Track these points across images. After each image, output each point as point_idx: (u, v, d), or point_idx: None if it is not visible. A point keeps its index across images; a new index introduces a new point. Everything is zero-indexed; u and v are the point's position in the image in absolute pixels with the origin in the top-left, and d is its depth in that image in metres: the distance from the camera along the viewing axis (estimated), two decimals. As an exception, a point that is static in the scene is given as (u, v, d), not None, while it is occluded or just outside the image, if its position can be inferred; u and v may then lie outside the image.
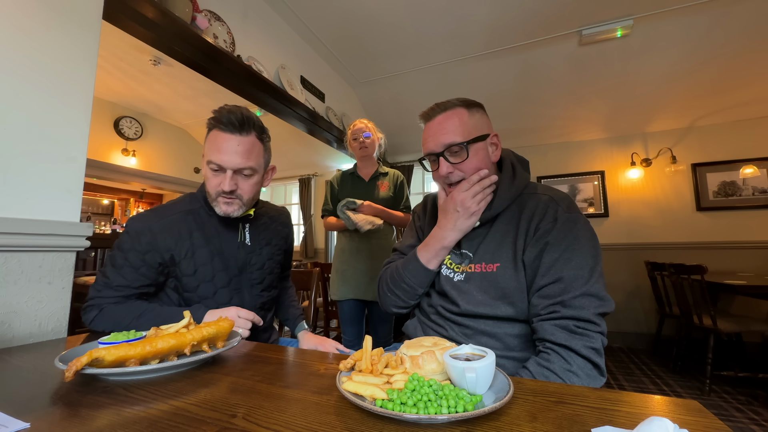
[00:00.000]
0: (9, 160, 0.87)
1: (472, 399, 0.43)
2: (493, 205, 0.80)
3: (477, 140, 0.79)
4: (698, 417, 0.41)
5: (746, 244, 3.04)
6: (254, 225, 1.00)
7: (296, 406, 0.46)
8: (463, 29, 2.52)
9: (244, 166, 0.86)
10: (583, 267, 0.68)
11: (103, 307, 0.85)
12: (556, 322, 0.65)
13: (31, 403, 0.48)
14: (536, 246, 0.72)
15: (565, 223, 0.72)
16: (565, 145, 3.73)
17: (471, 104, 0.82)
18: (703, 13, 2.28)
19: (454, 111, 0.81)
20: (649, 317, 3.27)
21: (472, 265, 0.80)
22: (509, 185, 0.80)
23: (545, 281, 0.69)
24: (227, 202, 0.87)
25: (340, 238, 1.84)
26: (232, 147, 0.84)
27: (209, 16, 1.83)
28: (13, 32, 0.89)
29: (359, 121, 1.83)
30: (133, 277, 0.86)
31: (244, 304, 0.93)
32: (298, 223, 5.31)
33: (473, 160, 0.79)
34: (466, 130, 0.79)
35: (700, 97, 2.96)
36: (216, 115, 0.85)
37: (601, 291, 0.67)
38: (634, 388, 2.29)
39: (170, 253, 0.87)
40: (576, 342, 0.63)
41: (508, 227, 0.79)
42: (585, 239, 0.70)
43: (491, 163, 0.82)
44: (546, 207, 0.75)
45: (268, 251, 1.02)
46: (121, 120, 4.08)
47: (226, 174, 0.85)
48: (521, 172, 0.84)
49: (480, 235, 0.82)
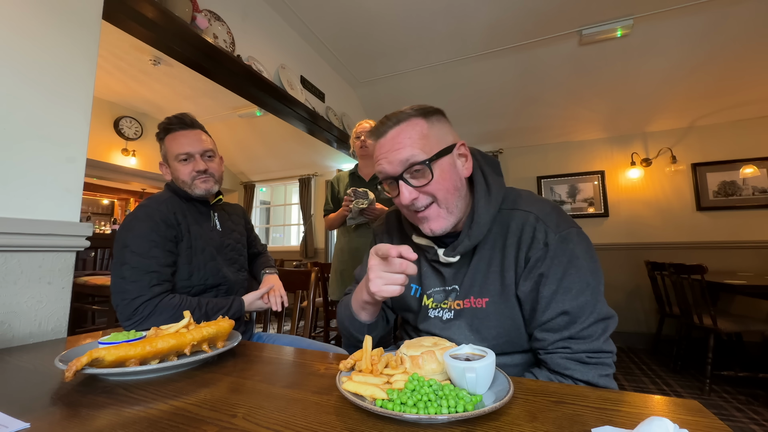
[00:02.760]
0: (9, 160, 0.87)
1: (472, 399, 0.43)
2: (472, 234, 0.68)
3: (441, 154, 0.66)
4: (698, 417, 0.41)
5: (746, 243, 3.04)
6: (220, 214, 1.13)
7: (296, 406, 0.46)
8: (463, 29, 2.52)
9: (206, 149, 1.04)
10: (585, 292, 0.62)
11: (158, 303, 0.86)
12: (566, 356, 0.62)
13: (31, 403, 0.48)
14: (530, 279, 0.65)
15: (558, 246, 0.64)
16: (565, 145, 3.73)
17: (429, 112, 0.69)
18: (703, 13, 2.28)
19: (409, 123, 0.67)
20: (649, 317, 3.27)
21: (460, 301, 0.70)
22: (486, 204, 0.68)
23: (548, 316, 0.63)
24: (204, 180, 1.02)
25: (340, 238, 1.84)
26: (192, 138, 1.03)
27: (209, 15, 1.83)
28: (13, 32, 0.89)
29: (366, 121, 1.83)
30: (163, 255, 0.90)
31: (230, 284, 1.05)
32: (298, 223, 5.31)
33: (440, 180, 0.66)
34: (427, 144, 0.65)
35: (700, 97, 2.96)
36: (166, 125, 1.03)
37: (607, 311, 0.63)
38: (634, 388, 2.29)
39: (179, 228, 0.96)
40: (592, 374, 0.60)
41: (492, 254, 0.69)
42: (581, 258, 0.64)
43: (461, 179, 0.69)
44: (533, 231, 0.65)
45: (236, 236, 1.15)
46: (121, 120, 4.08)
47: (195, 159, 1.02)
48: (495, 181, 0.71)
49: (463, 264, 0.72)
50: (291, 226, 5.59)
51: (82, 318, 2.78)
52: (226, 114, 4.00)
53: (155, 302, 0.85)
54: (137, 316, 0.84)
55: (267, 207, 5.86)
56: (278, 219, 5.75)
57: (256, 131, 4.40)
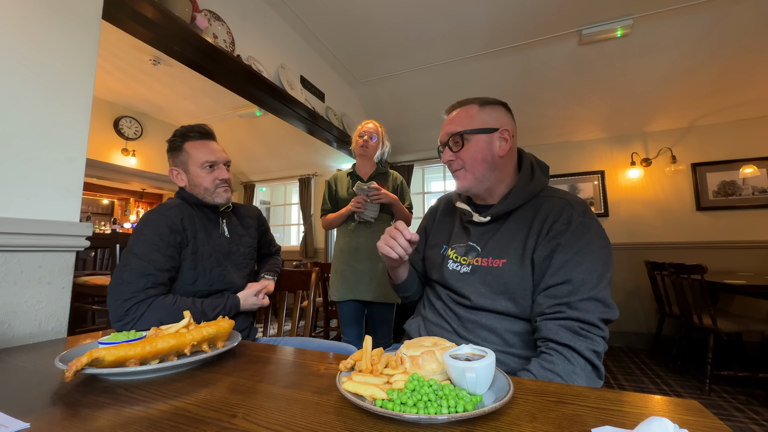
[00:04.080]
0: (9, 160, 0.87)
1: (472, 399, 0.43)
2: (506, 201, 0.81)
3: (478, 132, 0.81)
4: (698, 417, 0.41)
5: (746, 243, 3.04)
6: (229, 221, 1.14)
7: (296, 406, 0.46)
8: (463, 29, 2.52)
9: (228, 159, 1.10)
10: (593, 272, 0.68)
11: (152, 302, 0.86)
12: (560, 323, 0.66)
13: (31, 403, 0.48)
14: (548, 246, 0.73)
15: (579, 227, 0.72)
16: (565, 144, 3.73)
17: (487, 102, 0.84)
18: (703, 13, 2.28)
19: (467, 107, 0.85)
20: (649, 317, 3.27)
21: (479, 259, 0.81)
22: (525, 185, 0.81)
23: (554, 281, 0.69)
24: (226, 189, 1.07)
25: (339, 238, 1.84)
26: (217, 147, 1.08)
27: (209, 15, 1.83)
28: (13, 32, 0.89)
29: (372, 122, 1.82)
30: (163, 260, 0.90)
31: (236, 289, 1.06)
32: (298, 223, 5.31)
33: (469, 149, 0.81)
34: (471, 122, 0.82)
35: (700, 97, 2.96)
36: (186, 132, 1.05)
37: (608, 298, 0.67)
38: (634, 388, 2.29)
39: (184, 234, 0.97)
40: (580, 343, 0.63)
41: (519, 226, 0.79)
42: (597, 245, 0.71)
43: (494, 155, 0.81)
44: (561, 209, 0.75)
45: (246, 241, 1.16)
46: (120, 120, 4.07)
47: (220, 167, 1.06)
48: (540, 175, 0.84)
49: (491, 230, 0.83)
50: (291, 226, 5.59)
51: (82, 318, 2.78)
52: (226, 114, 4.00)
53: (148, 302, 0.86)
54: (128, 317, 0.84)
55: (267, 207, 5.86)
56: (278, 219, 5.75)
57: (256, 131, 4.40)
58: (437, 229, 0.99)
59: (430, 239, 1.00)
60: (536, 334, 0.70)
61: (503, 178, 0.84)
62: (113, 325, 0.85)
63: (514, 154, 0.86)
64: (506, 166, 0.84)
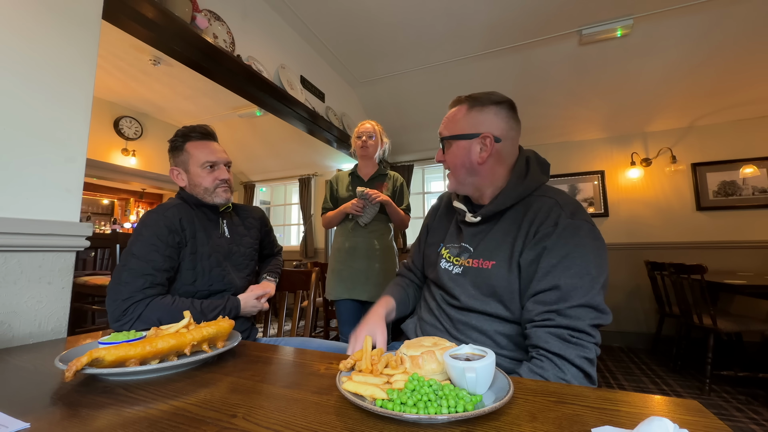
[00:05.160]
0: (9, 160, 0.87)
1: (472, 399, 0.43)
2: (496, 201, 0.78)
3: (457, 138, 0.81)
4: (698, 417, 0.41)
5: (746, 243, 3.04)
6: (229, 221, 1.13)
7: (296, 406, 0.46)
8: (463, 29, 2.52)
9: (229, 160, 1.10)
10: (584, 276, 0.65)
11: (149, 302, 0.86)
12: (550, 330, 0.64)
13: (31, 403, 0.48)
14: (534, 249, 0.71)
15: (566, 229, 0.69)
16: (565, 144, 3.73)
17: (478, 102, 0.81)
18: (703, 13, 2.28)
19: (458, 107, 0.84)
20: (649, 317, 3.27)
21: (470, 260, 0.80)
22: (516, 184, 0.78)
23: (541, 287, 0.67)
24: (225, 189, 1.07)
25: (337, 238, 1.84)
26: (218, 148, 1.08)
27: (209, 15, 1.83)
28: (13, 32, 0.89)
29: (368, 121, 1.83)
30: (161, 260, 0.90)
31: (236, 289, 1.06)
32: (298, 223, 5.31)
33: (450, 153, 0.83)
34: (454, 127, 0.82)
35: (699, 97, 2.96)
36: (187, 132, 1.05)
37: (601, 303, 0.65)
38: (634, 388, 2.29)
39: (183, 234, 0.96)
40: (570, 351, 0.61)
41: (510, 227, 0.77)
42: (589, 248, 0.67)
43: (472, 162, 0.79)
44: (549, 210, 0.73)
45: (246, 241, 1.15)
46: (120, 120, 4.07)
47: (221, 168, 1.06)
48: (535, 173, 0.80)
49: (483, 231, 0.82)
50: (291, 226, 5.59)
51: (82, 318, 2.78)
52: (226, 114, 4.00)
53: (146, 303, 0.86)
54: (126, 317, 0.83)
55: (267, 207, 5.86)
56: (278, 219, 5.75)
57: (256, 131, 4.40)
58: (436, 227, 0.99)
59: (429, 237, 1.00)
60: (527, 341, 0.68)
61: (489, 182, 0.81)
62: (111, 325, 0.85)
63: (503, 158, 0.81)
64: (489, 172, 0.80)
